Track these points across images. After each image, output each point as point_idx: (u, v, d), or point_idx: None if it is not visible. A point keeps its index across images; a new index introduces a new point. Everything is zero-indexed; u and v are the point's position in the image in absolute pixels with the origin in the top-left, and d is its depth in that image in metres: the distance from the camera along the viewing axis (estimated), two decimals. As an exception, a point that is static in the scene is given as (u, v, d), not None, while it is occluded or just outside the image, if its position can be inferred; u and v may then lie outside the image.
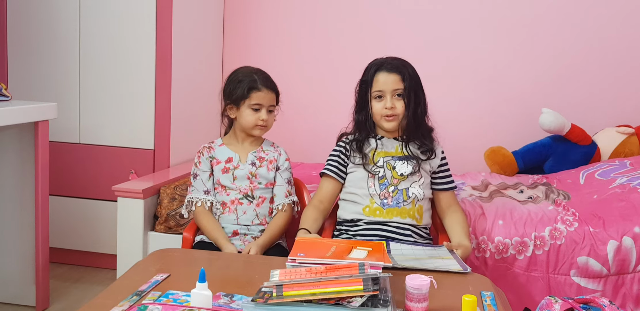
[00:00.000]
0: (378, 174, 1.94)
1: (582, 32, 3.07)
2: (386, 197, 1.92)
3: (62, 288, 2.70)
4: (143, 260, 1.69)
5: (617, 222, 2.09)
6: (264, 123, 2.01)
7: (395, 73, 1.91)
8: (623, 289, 2.03)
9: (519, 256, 2.11)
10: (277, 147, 2.12)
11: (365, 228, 1.92)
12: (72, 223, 2.92)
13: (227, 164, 2.04)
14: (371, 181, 1.94)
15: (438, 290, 1.38)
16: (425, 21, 3.21)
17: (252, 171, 2.03)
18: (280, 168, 2.08)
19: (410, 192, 1.93)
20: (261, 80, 2.02)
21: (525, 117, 3.11)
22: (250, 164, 2.04)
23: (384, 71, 1.92)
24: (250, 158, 2.05)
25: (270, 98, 2.02)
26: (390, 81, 1.91)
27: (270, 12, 3.38)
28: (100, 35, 2.83)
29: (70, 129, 2.91)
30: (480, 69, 3.21)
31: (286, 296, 1.30)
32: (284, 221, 2.03)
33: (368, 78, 1.94)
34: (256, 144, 2.09)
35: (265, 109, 2.01)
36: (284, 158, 2.09)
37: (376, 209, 1.92)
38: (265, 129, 2.04)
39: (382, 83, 1.91)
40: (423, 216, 1.95)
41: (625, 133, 2.89)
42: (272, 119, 2.05)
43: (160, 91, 2.82)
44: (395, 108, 1.91)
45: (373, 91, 1.93)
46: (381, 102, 1.92)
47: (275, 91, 2.05)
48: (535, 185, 2.61)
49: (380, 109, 1.92)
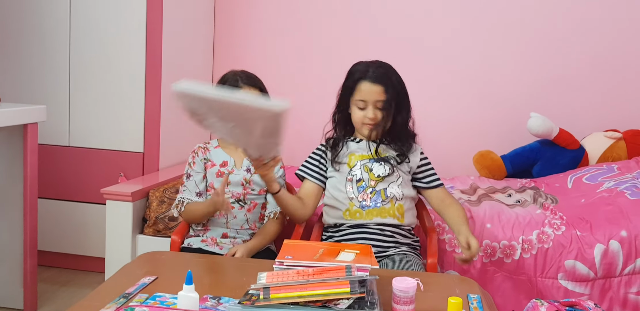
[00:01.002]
0: (355, 177, 1.96)
1: (571, 38, 3.10)
2: (365, 199, 1.94)
3: (50, 291, 2.68)
4: (131, 263, 1.68)
5: (604, 226, 2.11)
6: None
7: (379, 84, 1.90)
8: (610, 292, 2.04)
9: (506, 260, 2.12)
10: None
11: (349, 232, 1.93)
12: (61, 226, 2.91)
13: (221, 168, 2.03)
14: (349, 185, 1.96)
15: (424, 292, 1.39)
16: (415, 26, 3.23)
17: (246, 178, 2.02)
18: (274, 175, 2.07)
19: (389, 192, 1.94)
20: (242, 78, 2.00)
21: (514, 122, 3.13)
22: (245, 170, 2.03)
23: (368, 81, 1.91)
24: (246, 164, 2.04)
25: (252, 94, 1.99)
26: (373, 91, 1.90)
27: (260, 15, 3.39)
28: (90, 38, 2.83)
29: (60, 132, 2.90)
30: (469, 74, 3.23)
31: (273, 299, 1.30)
32: (275, 228, 2.03)
33: (351, 85, 1.94)
34: None
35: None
36: (279, 166, 2.07)
37: (356, 212, 1.93)
38: None
39: (365, 93, 1.91)
40: (404, 215, 1.94)
41: (612, 138, 2.92)
42: None
43: (150, 94, 2.81)
44: (376, 118, 1.92)
45: (355, 99, 1.93)
46: (362, 111, 1.93)
47: (259, 87, 2.02)
48: (523, 189, 2.63)
49: (362, 118, 1.93)
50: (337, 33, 3.31)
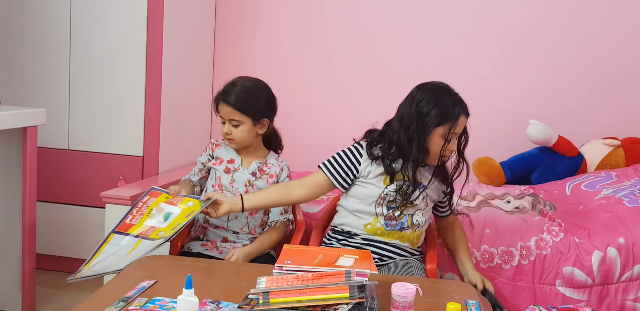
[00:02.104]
0: (389, 196, 1.88)
1: (570, 45, 3.12)
2: (391, 219, 1.90)
3: (48, 295, 2.68)
4: (130, 267, 1.68)
5: (602, 233, 2.12)
6: (226, 136, 2.00)
7: (467, 118, 1.90)
8: (607, 299, 2.05)
9: (505, 266, 2.13)
10: (281, 162, 2.10)
11: (361, 243, 1.92)
12: (60, 230, 2.90)
13: (228, 165, 2.05)
14: (380, 201, 1.89)
15: (423, 298, 1.39)
16: (414, 33, 3.24)
17: (250, 180, 2.03)
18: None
19: (415, 219, 1.92)
20: (222, 92, 2.00)
21: (513, 129, 3.14)
22: (250, 173, 2.04)
23: (464, 116, 1.87)
24: (253, 167, 2.05)
25: (226, 112, 1.97)
26: (464, 125, 1.89)
27: (262, 18, 3.40)
28: (91, 41, 2.84)
29: (59, 135, 2.90)
30: (468, 81, 3.24)
31: (272, 303, 1.30)
32: (276, 236, 2.03)
33: (450, 116, 1.83)
34: (261, 156, 2.09)
35: (227, 122, 1.99)
36: (286, 174, 2.08)
37: (377, 229, 1.91)
38: (233, 143, 2.02)
39: (460, 126, 1.86)
40: (420, 240, 1.98)
41: (611, 145, 2.93)
42: (238, 133, 1.98)
43: (150, 97, 2.82)
44: (454, 150, 1.90)
45: (451, 132, 1.84)
46: (449, 144, 1.85)
47: (232, 104, 1.96)
48: (522, 195, 2.64)
49: (444, 150, 1.86)
50: (339, 35, 3.32)
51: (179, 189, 1.96)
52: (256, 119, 1.99)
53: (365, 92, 3.32)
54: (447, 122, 1.83)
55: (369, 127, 2.05)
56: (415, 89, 1.92)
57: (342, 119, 3.34)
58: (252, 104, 1.98)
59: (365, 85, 3.32)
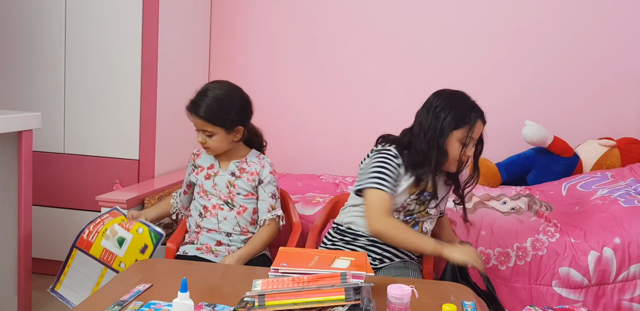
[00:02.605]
0: (410, 206, 1.88)
1: (565, 46, 3.12)
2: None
3: (44, 299, 2.67)
4: (125, 270, 1.68)
5: (597, 233, 2.12)
6: (202, 145, 2.02)
7: (484, 124, 1.89)
8: (604, 299, 2.05)
9: (501, 267, 2.13)
10: (262, 160, 2.08)
11: (366, 243, 1.91)
12: (56, 234, 2.89)
13: (209, 171, 2.07)
14: (400, 209, 1.88)
15: (419, 299, 1.39)
16: (410, 34, 3.25)
17: (230, 181, 2.03)
18: (263, 181, 2.04)
19: (424, 226, 1.94)
20: (191, 104, 1.99)
21: (509, 130, 3.14)
22: (230, 174, 2.04)
23: (481, 121, 1.86)
24: (231, 168, 2.05)
25: (198, 123, 1.97)
26: (480, 131, 1.88)
27: (257, 21, 3.40)
28: (86, 44, 2.83)
29: (55, 139, 2.90)
30: (463, 82, 3.21)
31: (268, 306, 1.30)
32: (268, 235, 2.03)
33: (467, 120, 1.83)
34: (240, 155, 2.08)
35: (200, 131, 1.99)
36: (268, 171, 2.05)
37: None
38: (211, 151, 2.03)
39: (477, 131, 1.85)
40: None
41: (607, 146, 2.94)
42: (213, 143, 1.98)
43: (145, 101, 2.82)
44: (471, 156, 1.89)
45: (468, 136, 1.83)
46: (464, 148, 1.84)
47: (203, 117, 1.94)
48: (518, 196, 2.64)
49: (462, 155, 1.85)
50: (334, 36, 3.32)
51: (137, 214, 2.09)
52: (229, 128, 1.97)
53: (358, 93, 3.32)
54: (465, 125, 1.84)
55: (361, 128, 2.03)
56: (432, 96, 1.92)
57: (335, 119, 3.35)
58: (223, 115, 1.94)
59: (359, 86, 3.32)
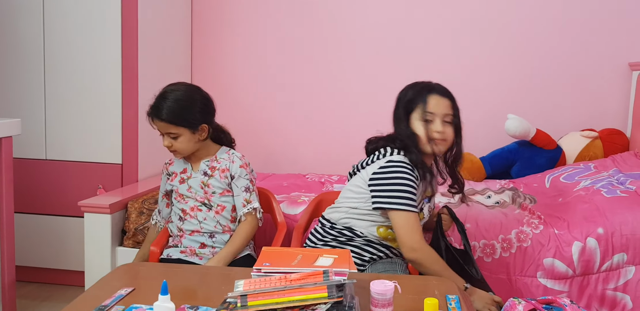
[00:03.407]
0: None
1: (544, 39, 3.14)
2: None
3: (30, 307, 2.64)
4: (108, 275, 1.66)
5: (581, 224, 2.13)
6: (169, 149, 1.99)
7: (447, 98, 1.84)
8: (588, 289, 2.06)
9: (486, 259, 2.13)
10: (232, 155, 2.06)
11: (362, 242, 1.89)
12: (39, 241, 2.87)
13: (182, 175, 2.06)
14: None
15: (403, 294, 1.39)
16: (393, 31, 3.25)
17: (203, 181, 2.02)
18: (234, 176, 2.02)
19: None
20: (152, 109, 1.98)
21: (492, 124, 3.16)
22: (202, 174, 2.03)
23: (437, 94, 1.83)
24: (202, 167, 2.03)
25: (161, 126, 1.96)
26: (443, 104, 1.82)
27: (238, 20, 3.39)
28: (65, 48, 2.81)
29: (36, 145, 2.87)
30: (446, 77, 3.22)
31: (251, 306, 1.29)
32: (247, 231, 2.01)
33: (416, 99, 1.82)
34: (210, 153, 2.07)
35: (165, 135, 1.98)
36: (238, 165, 2.02)
37: (389, 234, 1.88)
38: (176, 154, 2.01)
39: (434, 105, 1.80)
40: None
41: (589, 137, 2.95)
42: (179, 145, 1.96)
43: (126, 104, 2.80)
44: (445, 133, 1.81)
45: (426, 112, 1.80)
46: (431, 125, 1.80)
47: (166, 120, 1.93)
48: (502, 190, 2.65)
49: (431, 132, 1.79)
50: (317, 34, 3.33)
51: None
52: (194, 128, 1.96)
53: (344, 92, 3.32)
54: (418, 104, 1.83)
55: (346, 126, 2.02)
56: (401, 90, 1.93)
57: (320, 118, 3.34)
58: (186, 115, 1.94)
59: (344, 85, 3.32)
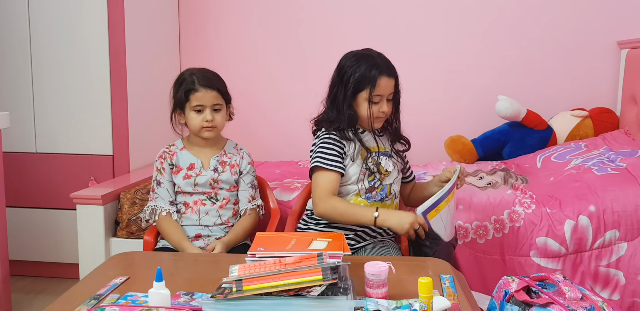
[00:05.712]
0: (369, 170, 1.87)
1: (534, 21, 3.13)
2: (371, 191, 1.89)
3: (25, 301, 2.64)
4: (102, 264, 1.66)
5: (572, 202, 2.14)
6: (209, 124, 1.95)
7: (392, 77, 1.87)
8: (581, 267, 2.07)
9: (479, 240, 2.14)
10: (240, 150, 2.08)
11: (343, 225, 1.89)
12: (32, 234, 2.86)
13: (189, 172, 1.99)
14: (362, 177, 1.88)
15: (397, 275, 1.40)
16: (383, 17, 3.24)
17: (214, 178, 2.00)
18: (242, 172, 2.05)
19: (393, 188, 1.93)
20: (199, 79, 1.95)
21: (482, 106, 3.16)
22: (212, 170, 2.01)
23: (385, 76, 1.84)
24: (213, 164, 2.01)
25: (210, 97, 1.94)
26: (390, 86, 1.86)
27: (227, 10, 3.36)
28: (52, 41, 2.78)
29: (26, 138, 2.85)
30: (435, 60, 3.24)
31: (246, 291, 1.29)
32: (249, 223, 2.02)
33: (367, 80, 1.83)
34: (218, 147, 2.06)
35: (208, 109, 1.95)
36: (247, 162, 2.06)
37: (361, 202, 1.88)
38: (214, 130, 1.98)
39: (383, 88, 1.84)
40: None
41: (579, 116, 2.96)
42: (220, 119, 1.98)
43: (115, 95, 2.78)
44: (388, 111, 1.89)
45: (373, 94, 1.84)
46: (376, 106, 1.86)
47: (217, 88, 1.96)
48: (494, 171, 2.65)
49: (376, 112, 1.86)
50: (307, 23, 3.30)
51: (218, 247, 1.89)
52: (229, 103, 2.04)
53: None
54: (366, 86, 1.84)
55: None
56: (342, 58, 1.94)
57: (310, 106, 3.33)
58: (225, 87, 2.03)
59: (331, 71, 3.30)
